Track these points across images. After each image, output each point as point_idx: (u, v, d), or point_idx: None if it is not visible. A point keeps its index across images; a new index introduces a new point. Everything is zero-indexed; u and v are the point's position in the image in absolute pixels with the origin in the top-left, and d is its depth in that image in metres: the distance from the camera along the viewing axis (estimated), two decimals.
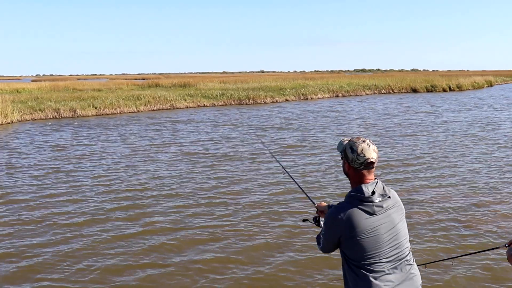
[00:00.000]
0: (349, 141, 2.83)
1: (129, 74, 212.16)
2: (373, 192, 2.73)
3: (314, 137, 17.80)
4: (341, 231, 2.73)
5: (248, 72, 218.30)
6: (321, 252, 3.01)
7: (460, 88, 50.59)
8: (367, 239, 2.70)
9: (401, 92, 47.26)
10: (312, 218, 3.33)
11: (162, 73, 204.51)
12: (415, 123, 21.61)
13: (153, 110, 30.37)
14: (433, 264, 5.78)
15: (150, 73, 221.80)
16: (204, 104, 33.44)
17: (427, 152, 14.17)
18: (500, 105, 31.39)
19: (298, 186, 4.34)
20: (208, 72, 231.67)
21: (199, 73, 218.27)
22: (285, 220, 8.24)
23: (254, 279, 6.09)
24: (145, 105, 30.73)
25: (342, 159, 2.88)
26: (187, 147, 15.81)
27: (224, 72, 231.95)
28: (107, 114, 27.86)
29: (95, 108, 28.27)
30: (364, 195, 2.71)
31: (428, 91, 48.25)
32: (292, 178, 4.59)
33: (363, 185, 2.75)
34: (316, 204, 3.35)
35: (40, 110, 26.58)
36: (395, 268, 2.75)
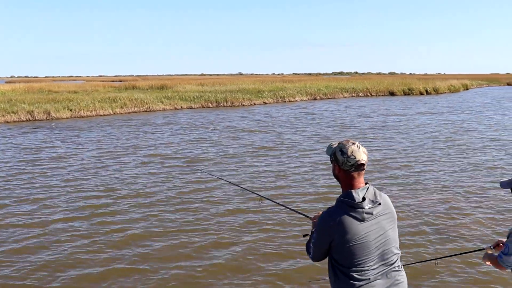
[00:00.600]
0: (338, 144, 2.80)
1: (106, 76, 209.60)
2: (364, 198, 2.68)
3: (289, 139, 17.81)
4: (332, 237, 2.68)
5: (226, 75, 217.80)
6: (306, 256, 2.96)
7: (436, 91, 51.36)
8: (356, 245, 2.66)
9: (379, 95, 47.70)
10: (311, 232, 3.23)
11: (140, 75, 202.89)
12: (390, 126, 21.82)
13: (129, 113, 30.05)
14: (414, 265, 5.74)
15: (127, 75, 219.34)
16: (182, 107, 33.22)
17: (401, 154, 14.31)
18: (475, 108, 31.95)
19: (285, 207, 4.29)
20: (186, 74, 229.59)
21: (177, 75, 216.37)
22: (245, 218, 8.23)
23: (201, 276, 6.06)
24: (121, 107, 30.37)
25: (331, 162, 2.84)
26: (159, 150, 15.66)
27: (202, 75, 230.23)
28: (83, 117, 27.44)
29: (70, 110, 27.80)
30: (355, 201, 2.67)
31: (405, 94, 48.81)
32: (283, 205, 4.41)
33: (353, 191, 2.70)
34: (312, 217, 3.26)
35: (13, 112, 26.02)
36: (381, 274, 2.72)
